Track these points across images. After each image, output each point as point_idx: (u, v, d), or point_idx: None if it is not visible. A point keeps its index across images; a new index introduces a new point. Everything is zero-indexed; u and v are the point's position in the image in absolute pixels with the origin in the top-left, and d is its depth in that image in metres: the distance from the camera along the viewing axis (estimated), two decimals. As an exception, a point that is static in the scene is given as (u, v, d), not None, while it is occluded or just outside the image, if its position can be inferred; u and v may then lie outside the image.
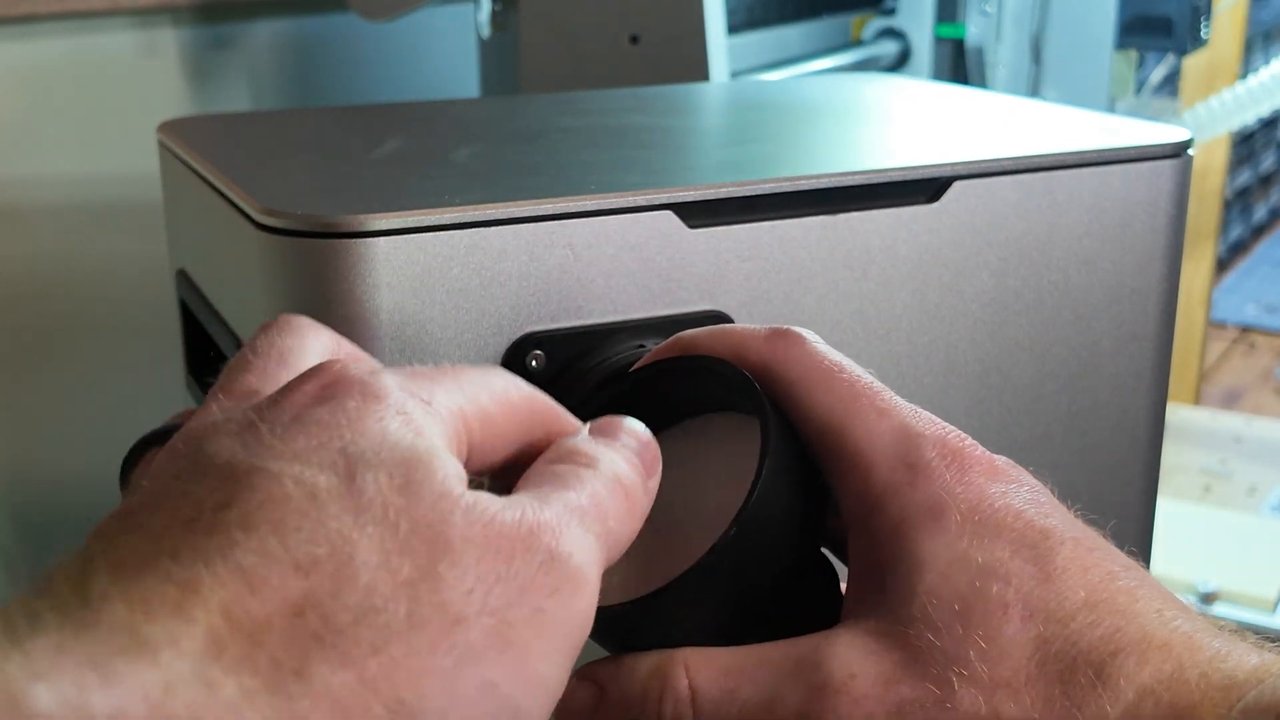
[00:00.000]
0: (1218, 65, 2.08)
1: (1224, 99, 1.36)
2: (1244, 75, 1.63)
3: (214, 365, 0.57)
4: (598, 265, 0.46)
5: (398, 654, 0.25)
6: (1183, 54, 1.40)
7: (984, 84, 1.25)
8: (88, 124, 0.89)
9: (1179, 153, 0.57)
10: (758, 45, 1.11)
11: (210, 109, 0.95)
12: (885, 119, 0.67)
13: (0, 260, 0.85)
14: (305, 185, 0.50)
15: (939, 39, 1.25)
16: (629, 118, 0.64)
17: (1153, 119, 0.61)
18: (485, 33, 0.90)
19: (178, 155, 0.57)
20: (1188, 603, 0.34)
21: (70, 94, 0.87)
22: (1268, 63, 1.39)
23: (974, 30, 1.24)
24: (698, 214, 0.48)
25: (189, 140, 0.57)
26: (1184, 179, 0.57)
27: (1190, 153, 0.57)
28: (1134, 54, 1.31)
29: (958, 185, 0.52)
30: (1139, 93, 1.56)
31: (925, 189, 0.52)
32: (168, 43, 0.92)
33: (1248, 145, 3.49)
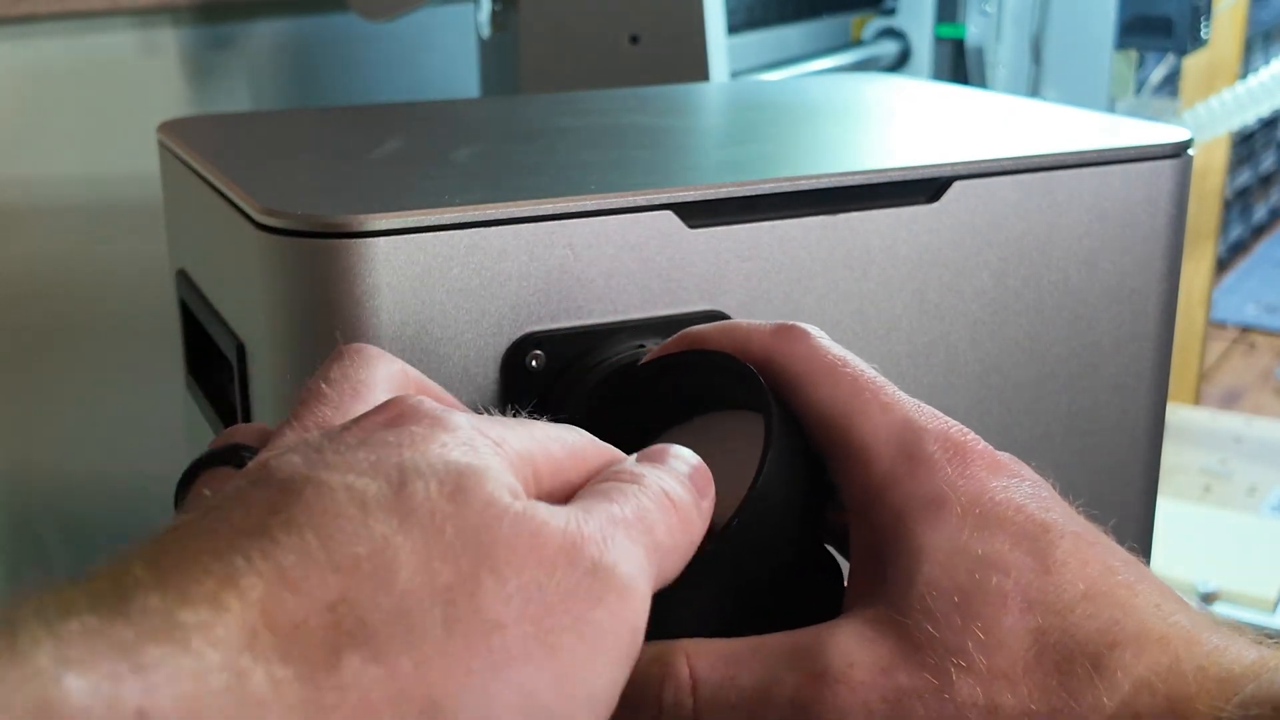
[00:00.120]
0: (1218, 65, 2.08)
1: (1224, 99, 1.36)
2: (1244, 75, 1.63)
3: (214, 365, 0.57)
4: (598, 265, 0.46)
5: (432, 654, 0.25)
6: (1183, 54, 1.40)
7: (984, 84, 1.25)
8: (88, 124, 0.89)
9: (1179, 153, 0.57)
10: (758, 45, 1.11)
11: (210, 109, 0.95)
12: (885, 119, 0.67)
13: (0, 260, 0.85)
14: (305, 185, 0.50)
15: (939, 39, 1.25)
16: (629, 118, 0.64)
17: (1153, 119, 0.62)
18: (485, 33, 0.90)
19: (178, 155, 0.57)
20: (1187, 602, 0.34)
21: (70, 94, 0.87)
22: (1268, 63, 1.39)
23: (974, 30, 1.24)
24: (698, 214, 0.48)
25: (189, 140, 0.57)
26: (1184, 179, 0.57)
27: (1190, 153, 0.57)
28: (1134, 54, 1.31)
29: (958, 185, 0.52)
30: (1139, 93, 1.56)
31: (925, 189, 0.52)
32: (168, 43, 0.92)
33: (1248, 145, 3.49)
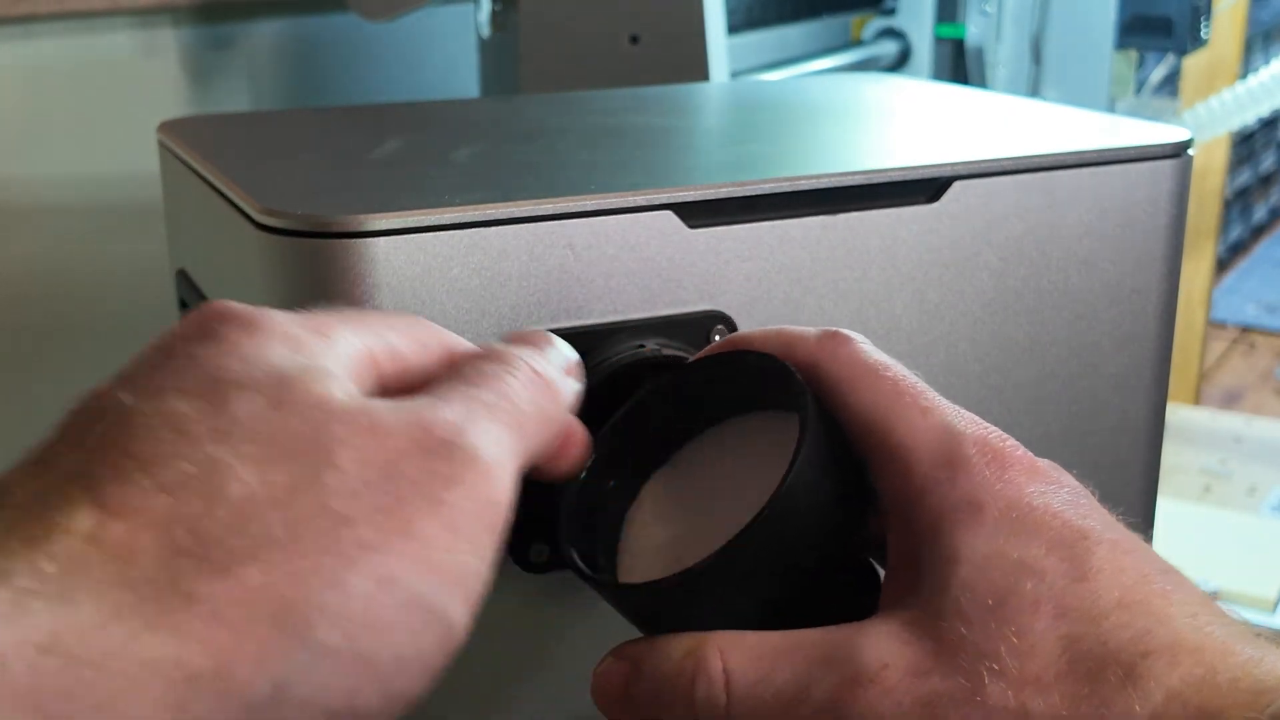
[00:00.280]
0: (1218, 65, 2.08)
1: (1224, 99, 1.36)
2: (1244, 75, 1.63)
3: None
4: (598, 265, 0.46)
5: (278, 559, 0.25)
6: (1183, 54, 1.40)
7: (984, 84, 1.25)
8: (88, 124, 0.89)
9: (1179, 153, 0.57)
10: (758, 45, 1.11)
11: (210, 109, 0.95)
12: (885, 119, 0.67)
13: (0, 260, 0.85)
14: (305, 185, 0.50)
15: (939, 39, 1.25)
16: (629, 118, 0.64)
17: (1153, 119, 0.62)
18: (485, 33, 0.90)
19: (178, 155, 0.57)
20: None
21: (70, 94, 0.87)
22: (1268, 63, 1.39)
23: (974, 30, 1.24)
24: (698, 214, 0.48)
25: (189, 140, 0.57)
26: (1184, 179, 0.57)
27: (1190, 153, 0.57)
28: (1134, 54, 1.32)
29: (958, 185, 0.52)
30: (1139, 93, 1.56)
31: (925, 189, 0.52)
32: (168, 43, 0.92)
33: (1248, 145, 3.49)
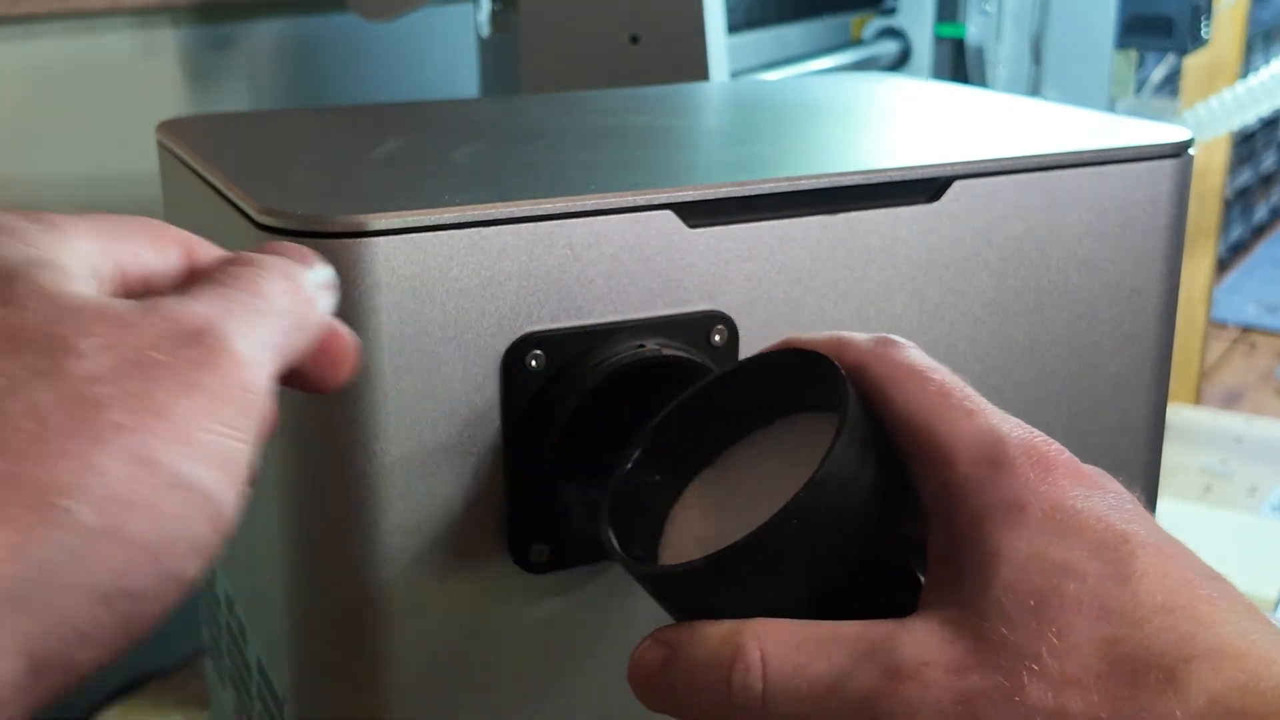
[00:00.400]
0: (1218, 65, 2.08)
1: (1224, 99, 1.36)
2: (1244, 75, 1.63)
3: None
4: (598, 265, 0.46)
5: (25, 447, 0.26)
6: (1183, 54, 1.40)
7: (984, 84, 1.25)
8: (88, 124, 0.89)
9: (1179, 152, 0.57)
10: (758, 45, 1.11)
11: (210, 109, 0.95)
12: (885, 119, 0.67)
13: None
14: (305, 185, 0.50)
15: (939, 39, 1.25)
16: (629, 118, 0.64)
17: (1153, 119, 0.61)
18: (485, 33, 0.90)
19: (177, 155, 0.57)
20: None
21: (70, 94, 0.87)
22: (1268, 63, 1.38)
23: (974, 30, 1.24)
24: (698, 214, 0.48)
25: (188, 140, 0.57)
26: (1184, 179, 0.57)
27: (1191, 152, 0.57)
28: (1134, 54, 1.31)
29: (958, 185, 0.52)
30: (1139, 93, 1.56)
31: (925, 189, 0.52)
32: (167, 43, 0.92)
33: (1248, 145, 3.49)
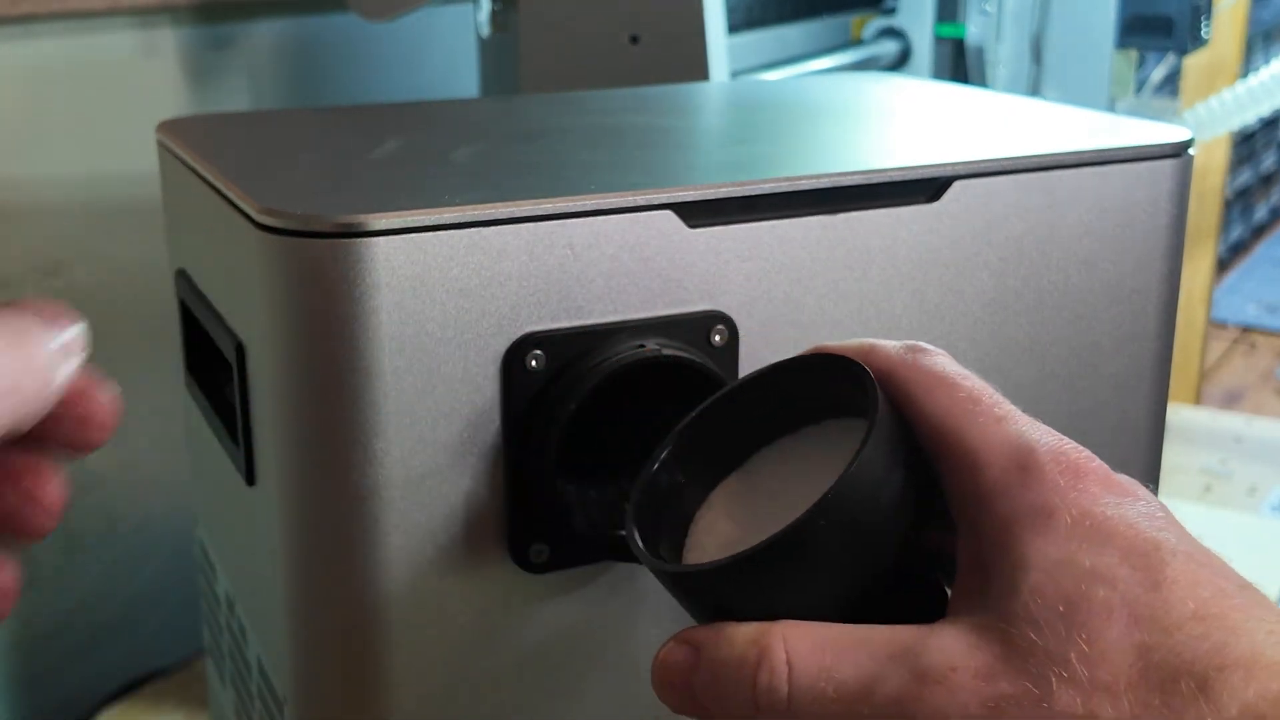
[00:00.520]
0: (1218, 65, 2.08)
1: (1224, 99, 1.36)
2: (1244, 75, 1.63)
3: (213, 365, 0.57)
4: (598, 265, 0.46)
5: None
6: (1183, 54, 1.40)
7: (984, 84, 1.25)
8: (88, 124, 0.88)
9: (1179, 152, 0.57)
10: (758, 45, 1.11)
11: (210, 109, 0.95)
12: (885, 119, 0.67)
13: (0, 260, 0.85)
14: (305, 185, 0.50)
15: (939, 39, 1.25)
16: (629, 118, 0.64)
17: (1153, 119, 0.61)
18: (485, 33, 0.90)
19: (177, 155, 0.57)
20: None
21: (70, 94, 0.87)
22: (1268, 63, 1.38)
23: (974, 30, 1.23)
24: (698, 214, 0.48)
25: (188, 140, 0.57)
26: (1184, 179, 0.57)
27: (1191, 152, 0.57)
28: (1134, 54, 1.31)
29: (958, 185, 0.52)
30: (1139, 92, 1.56)
31: (925, 189, 0.52)
32: (167, 43, 0.92)
33: (1248, 145, 3.49)
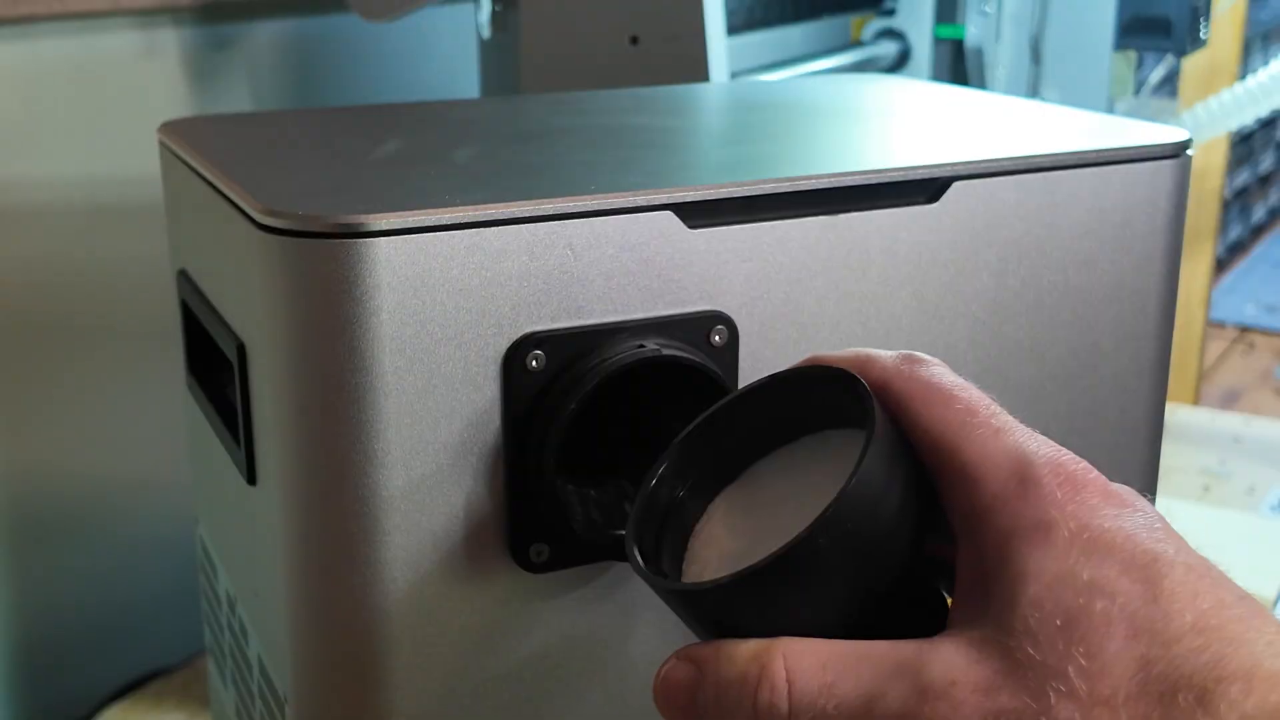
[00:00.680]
0: (1217, 66, 2.08)
1: (1223, 99, 1.36)
2: (1243, 76, 1.63)
3: (214, 365, 0.58)
4: (598, 265, 0.46)
5: None
6: (1182, 55, 1.40)
7: (984, 84, 1.25)
8: (88, 124, 0.89)
9: (1178, 153, 0.57)
10: (758, 45, 1.11)
11: (211, 109, 0.95)
12: (885, 119, 0.67)
13: (0, 260, 0.85)
14: (306, 185, 0.50)
15: (939, 39, 1.25)
16: (629, 118, 0.64)
17: (1152, 119, 0.62)
18: (485, 33, 0.90)
19: (178, 156, 0.57)
20: None
21: (70, 94, 0.87)
22: (1267, 63, 1.38)
23: (973, 31, 1.24)
24: (698, 214, 0.48)
25: (190, 141, 0.57)
26: (1183, 179, 0.57)
27: (1189, 153, 0.57)
28: (1133, 55, 1.31)
29: (958, 185, 0.52)
30: (1138, 93, 1.56)
31: (925, 189, 0.52)
32: (168, 43, 0.92)
33: (1247, 145, 3.50)
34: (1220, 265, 3.25)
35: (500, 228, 0.44)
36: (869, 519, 0.35)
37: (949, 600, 0.37)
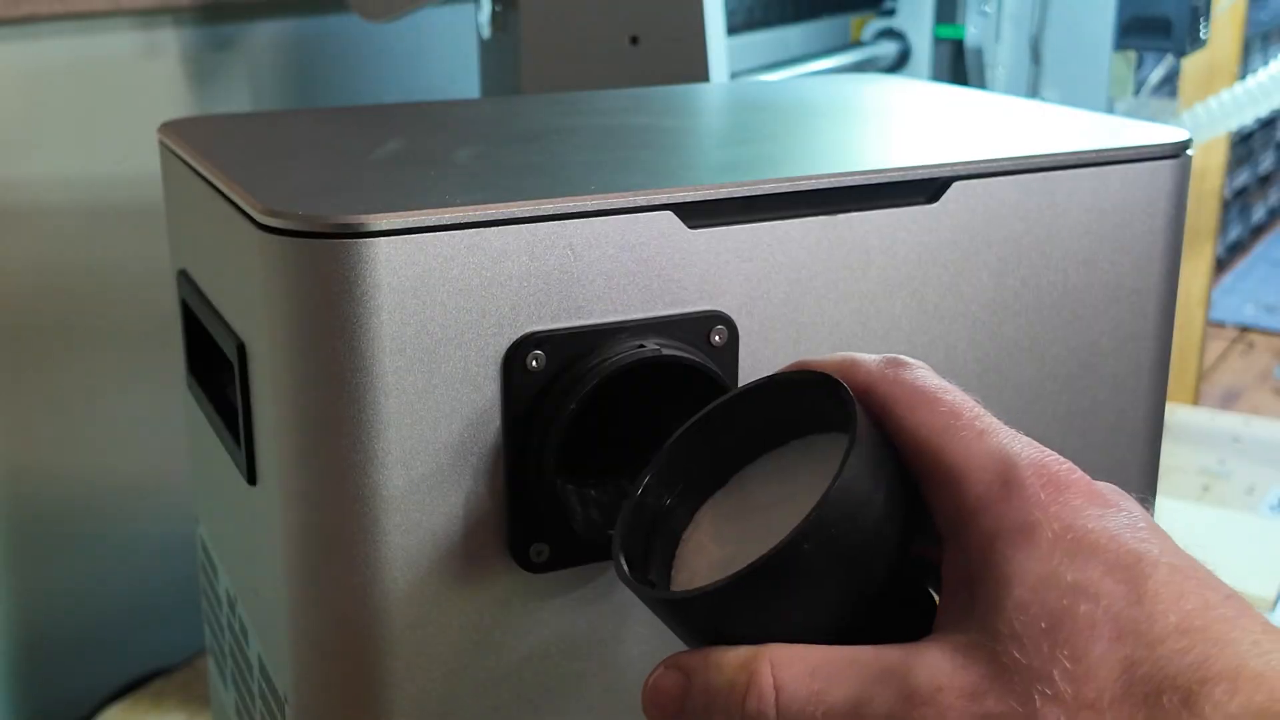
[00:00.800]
0: (1216, 66, 2.08)
1: (1222, 99, 1.36)
2: (1242, 76, 1.63)
3: (215, 365, 0.58)
4: (598, 265, 0.46)
5: None
6: (1181, 55, 1.40)
7: (983, 84, 1.25)
8: (88, 124, 0.89)
9: (1178, 153, 0.57)
10: (758, 45, 1.11)
11: (211, 109, 0.95)
12: (885, 119, 0.67)
13: (0, 260, 0.85)
14: (306, 185, 0.50)
15: (938, 39, 1.25)
16: (629, 118, 0.64)
17: (1152, 119, 0.62)
18: (485, 33, 0.90)
19: (179, 155, 0.57)
20: None
21: (71, 94, 0.87)
22: (1266, 63, 1.39)
23: (973, 31, 1.24)
24: (698, 214, 0.48)
25: (190, 141, 0.57)
26: (1183, 179, 0.57)
27: (1189, 153, 0.57)
28: (1133, 54, 1.31)
29: (958, 185, 0.52)
30: (1138, 93, 1.56)
31: (925, 189, 0.52)
32: (168, 43, 0.92)
33: (1246, 145, 3.50)
34: (1220, 265, 3.25)
35: (500, 228, 0.45)
36: (853, 523, 0.35)
37: (936, 601, 0.37)
